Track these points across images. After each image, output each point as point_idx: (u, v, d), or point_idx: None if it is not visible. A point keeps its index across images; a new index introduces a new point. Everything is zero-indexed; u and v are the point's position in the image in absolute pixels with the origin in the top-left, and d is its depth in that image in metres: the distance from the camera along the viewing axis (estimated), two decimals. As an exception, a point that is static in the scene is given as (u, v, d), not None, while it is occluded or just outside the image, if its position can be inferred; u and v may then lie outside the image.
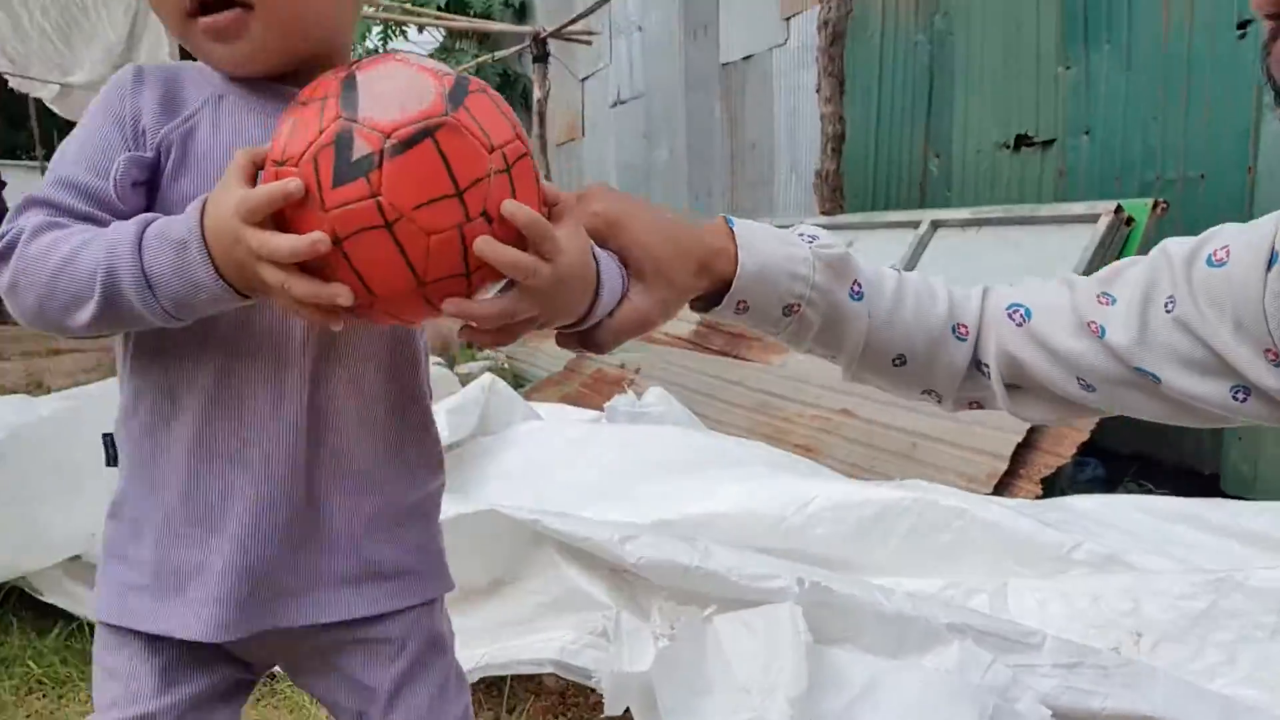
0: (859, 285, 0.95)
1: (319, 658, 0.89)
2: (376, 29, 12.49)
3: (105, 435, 0.87)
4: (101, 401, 2.33)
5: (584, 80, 10.46)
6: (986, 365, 0.97)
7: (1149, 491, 2.86)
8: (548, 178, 5.82)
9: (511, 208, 0.67)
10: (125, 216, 0.72)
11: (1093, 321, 0.91)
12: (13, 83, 9.47)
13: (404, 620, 0.89)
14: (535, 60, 8.35)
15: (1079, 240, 3.44)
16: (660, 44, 8.87)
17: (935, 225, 4.13)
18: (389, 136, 0.63)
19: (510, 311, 0.71)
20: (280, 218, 0.65)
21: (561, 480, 2.35)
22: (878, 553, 2.13)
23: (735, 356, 4.54)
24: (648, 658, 1.71)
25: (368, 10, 10.22)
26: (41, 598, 2.09)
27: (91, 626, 1.95)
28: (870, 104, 5.51)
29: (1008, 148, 4.62)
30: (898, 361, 0.98)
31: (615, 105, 9.86)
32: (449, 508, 1.98)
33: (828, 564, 2.05)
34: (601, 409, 3.23)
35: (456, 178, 0.65)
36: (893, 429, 3.24)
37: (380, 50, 12.90)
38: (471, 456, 2.82)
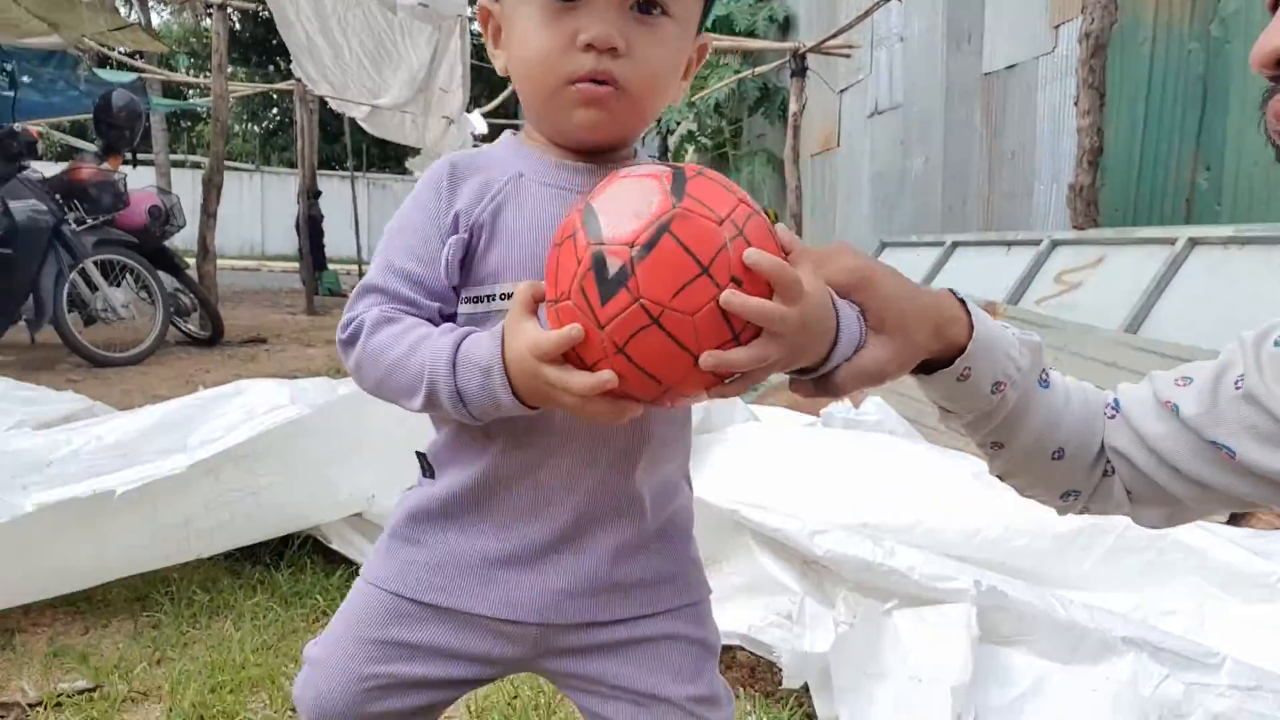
0: (1046, 375, 0.98)
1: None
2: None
3: (419, 453, 0.98)
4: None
5: (841, 92, 10.50)
6: (1110, 465, 1.01)
7: None
8: (799, 189, 6.00)
9: (754, 256, 0.72)
10: (444, 296, 0.86)
11: (1169, 400, 0.95)
12: (332, 104, 10.84)
13: (664, 621, 0.95)
14: (793, 75, 8.51)
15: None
16: (922, 54, 8.78)
17: (1193, 243, 3.92)
18: (633, 245, 0.70)
19: (762, 356, 0.74)
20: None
21: (767, 477, 2.53)
22: (1074, 569, 2.15)
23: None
24: (828, 641, 1.86)
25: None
26: (330, 545, 2.50)
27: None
28: (1136, 115, 5.25)
29: (1287, 161, 4.28)
30: (1056, 455, 0.99)
31: (872, 116, 9.83)
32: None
33: (1022, 577, 2.10)
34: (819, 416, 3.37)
35: (699, 257, 0.70)
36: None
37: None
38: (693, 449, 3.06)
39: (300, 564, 2.48)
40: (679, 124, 13.20)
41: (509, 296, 0.81)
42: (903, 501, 2.30)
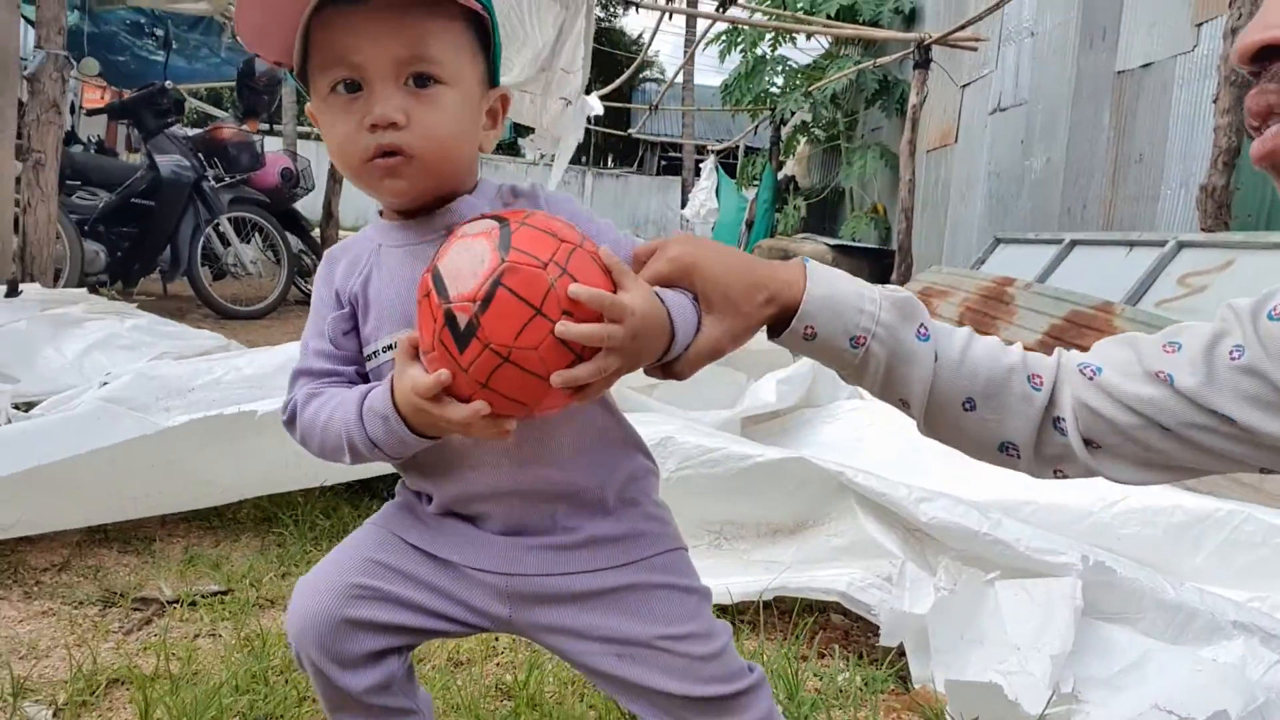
0: (925, 328, 1.00)
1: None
2: (769, 36, 13.07)
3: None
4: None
5: (964, 86, 10.28)
6: (1063, 420, 1.00)
7: None
8: (912, 183, 5.91)
9: (575, 290, 0.85)
10: (352, 360, 1.03)
11: (1160, 371, 0.95)
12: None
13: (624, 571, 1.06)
14: (916, 66, 8.37)
15: None
16: (1052, 50, 8.53)
17: (1332, 249, 3.76)
18: (474, 301, 0.84)
19: (603, 368, 0.87)
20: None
21: (873, 452, 2.55)
22: (1186, 561, 2.12)
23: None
24: (927, 604, 1.88)
25: (759, 19, 10.76)
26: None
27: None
28: (1279, 117, 5.02)
29: None
30: (967, 405, 1.01)
31: (994, 112, 9.60)
32: (767, 453, 2.27)
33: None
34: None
35: (530, 301, 0.84)
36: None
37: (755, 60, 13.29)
38: (794, 425, 3.09)
39: (356, 501, 2.60)
40: (793, 114, 13.11)
41: (390, 349, 0.99)
42: (1011, 481, 2.29)
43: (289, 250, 6.77)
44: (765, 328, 1.02)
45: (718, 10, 9.01)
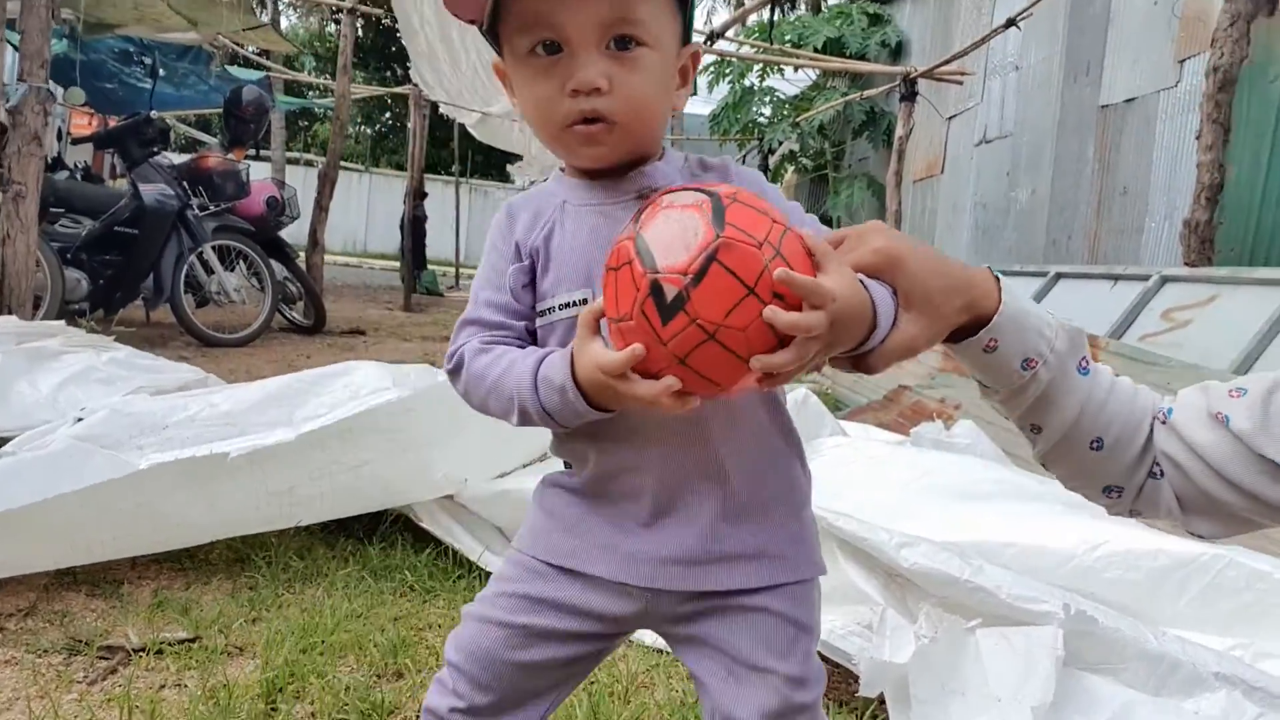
0: (1085, 362, 0.99)
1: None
2: (757, 67, 13.17)
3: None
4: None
5: (950, 118, 10.36)
6: (1158, 465, 1.00)
7: None
8: (898, 213, 5.95)
9: (783, 276, 0.81)
10: (525, 315, 1.01)
11: (1220, 412, 0.95)
12: (444, 109, 11.14)
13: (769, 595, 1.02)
14: (902, 99, 8.43)
15: None
16: (1037, 83, 8.62)
17: (1314, 286, 3.77)
18: (685, 273, 0.81)
19: (802, 355, 0.83)
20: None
21: (855, 492, 2.52)
22: (1169, 607, 2.09)
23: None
24: (907, 653, 1.85)
25: (748, 51, 10.84)
26: (421, 524, 2.58)
27: (454, 553, 2.42)
28: (1261, 152, 5.07)
29: None
30: (1095, 445, 1.00)
31: (980, 144, 9.67)
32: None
33: (1112, 609, 2.05)
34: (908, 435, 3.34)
35: (744, 280, 0.81)
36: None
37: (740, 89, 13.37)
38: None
39: (391, 539, 2.56)
40: (781, 143, 13.19)
41: (567, 306, 0.97)
42: (993, 524, 2.27)
43: (273, 278, 6.74)
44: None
45: (705, 44, 9.08)
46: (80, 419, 2.74)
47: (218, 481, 2.21)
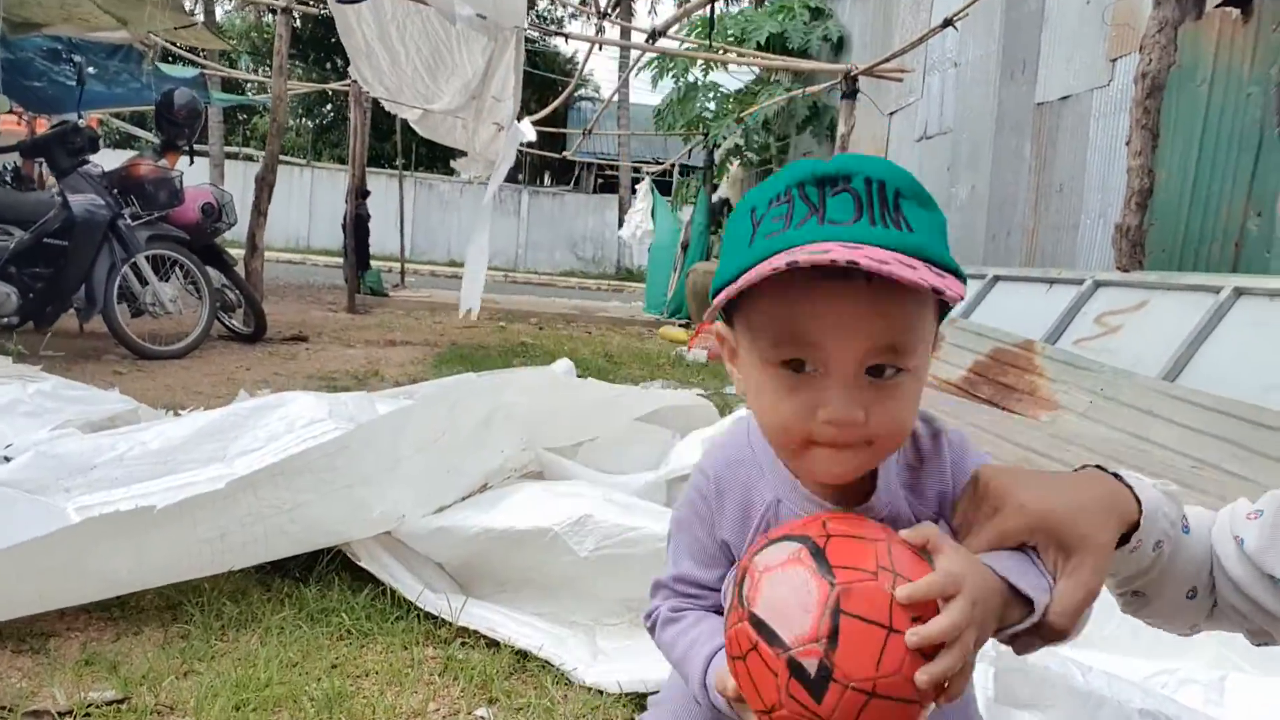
0: (1186, 520, 0.99)
1: None
2: (699, 64, 13.17)
3: None
4: (427, 404, 2.82)
5: (891, 114, 10.46)
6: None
7: None
8: None
9: (904, 596, 0.76)
10: (718, 587, 0.99)
11: (1238, 535, 0.98)
12: (385, 105, 11.00)
13: None
14: (844, 96, 8.50)
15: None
16: (975, 80, 8.73)
17: (1239, 293, 3.87)
18: (818, 640, 0.76)
19: (960, 654, 0.77)
20: None
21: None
22: (1095, 632, 2.14)
23: (1003, 408, 4.48)
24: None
25: (688, 49, 10.83)
26: (359, 563, 2.54)
27: (393, 592, 2.40)
28: (1189, 157, 5.19)
29: (1343, 211, 4.21)
30: (1190, 595, 1.00)
31: (920, 140, 9.78)
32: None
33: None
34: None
35: (878, 620, 0.76)
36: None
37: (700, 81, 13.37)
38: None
39: (328, 579, 2.53)
40: (725, 138, 13.22)
41: None
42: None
43: (210, 286, 6.61)
44: None
45: (648, 41, 9.05)
46: (7, 458, 2.68)
47: (146, 531, 2.16)
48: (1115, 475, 0.93)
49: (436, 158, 25.49)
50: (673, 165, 16.90)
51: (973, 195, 8.55)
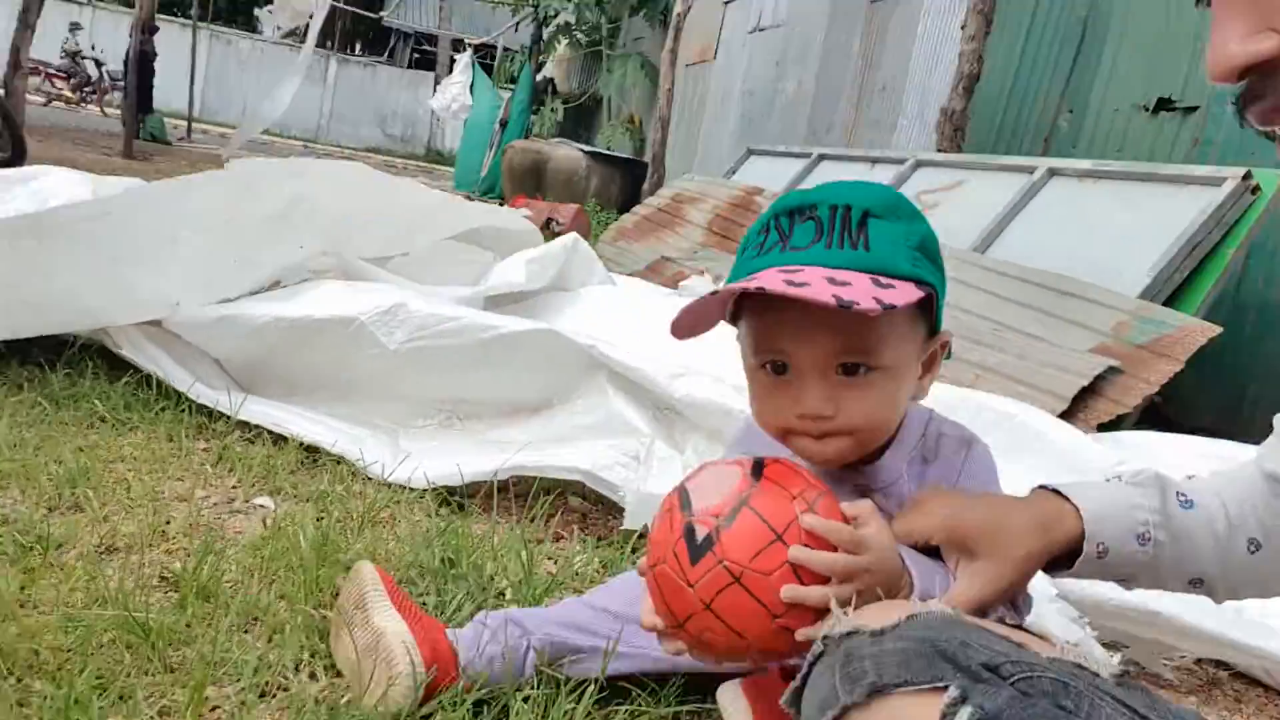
0: (1183, 495, 0.97)
1: None
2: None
3: None
4: (212, 182, 2.43)
5: (727, 3, 10.30)
6: None
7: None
8: (670, 92, 5.81)
9: (809, 521, 0.84)
10: None
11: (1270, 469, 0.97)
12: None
13: None
14: (680, -26, 8.24)
15: (1198, 203, 3.28)
16: (810, -27, 8.66)
17: (1052, 173, 3.98)
18: (717, 515, 0.84)
19: (828, 596, 0.83)
20: (662, 600, 0.89)
21: (628, 328, 2.38)
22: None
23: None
24: (672, 484, 1.74)
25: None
26: (119, 352, 2.17)
27: (159, 382, 2.05)
28: (1014, 49, 5.30)
29: (1146, 110, 4.40)
30: (1253, 549, 0.97)
31: (754, 31, 9.69)
32: (513, 324, 2.04)
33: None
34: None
35: (774, 526, 0.83)
36: (959, 360, 3.18)
37: None
38: (542, 307, 2.88)
39: (80, 367, 2.16)
40: (557, 13, 12.69)
41: None
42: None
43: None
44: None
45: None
46: None
47: None
48: (1059, 493, 0.96)
49: (238, 10, 23.33)
50: (497, 40, 16.15)
51: (799, 90, 8.56)
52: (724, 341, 2.29)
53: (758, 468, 0.88)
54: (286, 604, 1.32)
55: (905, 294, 0.88)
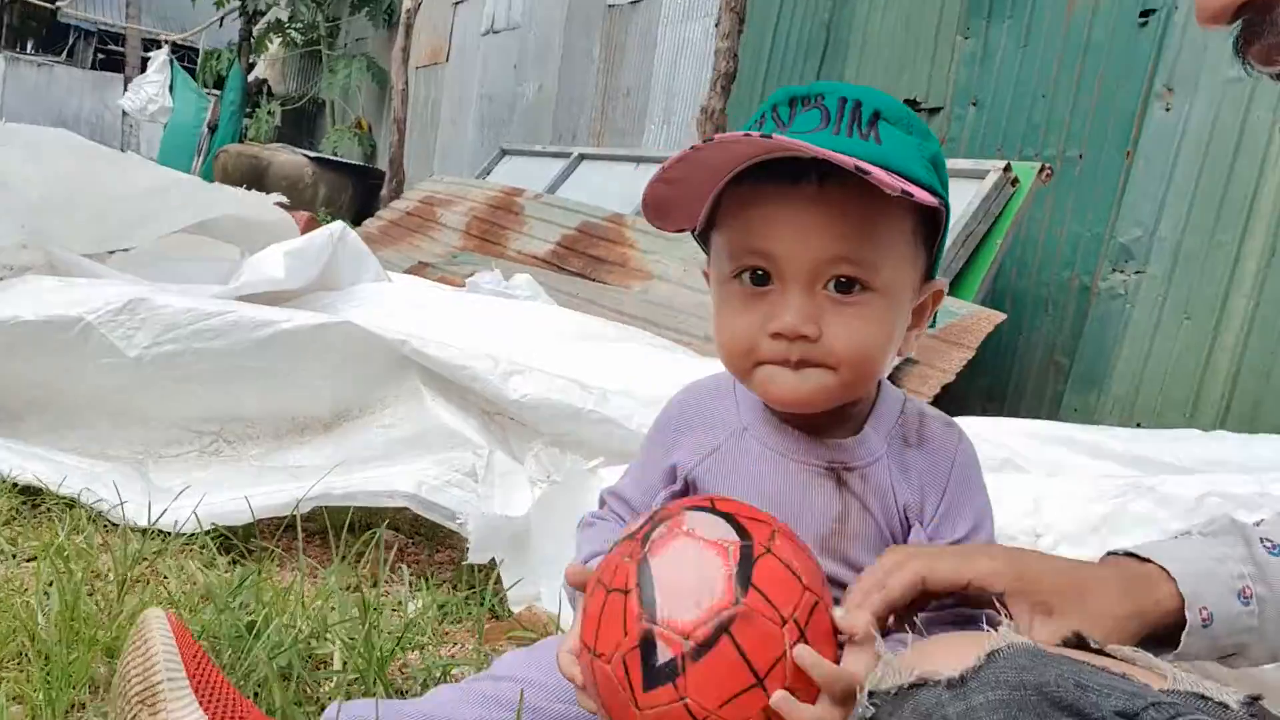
0: (1267, 540, 0.84)
1: None
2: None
3: None
4: None
5: (456, 4, 9.95)
6: None
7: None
8: (405, 93, 5.46)
9: (801, 657, 0.68)
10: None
11: None
12: None
13: None
14: (409, -26, 7.82)
15: (965, 194, 3.39)
16: (545, -23, 8.51)
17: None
18: (688, 639, 0.67)
19: None
20: (597, 691, 0.73)
21: (436, 327, 2.03)
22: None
23: (594, 279, 4.30)
24: (522, 503, 1.44)
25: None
26: None
27: None
28: (763, 52, 5.39)
29: (894, 111, 4.58)
30: None
31: (488, 34, 9.42)
32: (298, 318, 1.66)
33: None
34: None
35: (755, 667, 0.68)
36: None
37: None
38: (311, 306, 2.45)
39: None
40: (269, 8, 11.75)
41: None
42: (591, 366, 1.94)
43: None
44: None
45: None
46: None
47: None
48: (1134, 555, 0.83)
49: None
50: (198, 38, 14.74)
51: (540, 94, 8.39)
52: (562, 335, 2.00)
53: (745, 563, 0.70)
54: (23, 710, 0.91)
55: (923, 194, 0.75)
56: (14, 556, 1.28)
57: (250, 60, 12.25)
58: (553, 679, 0.85)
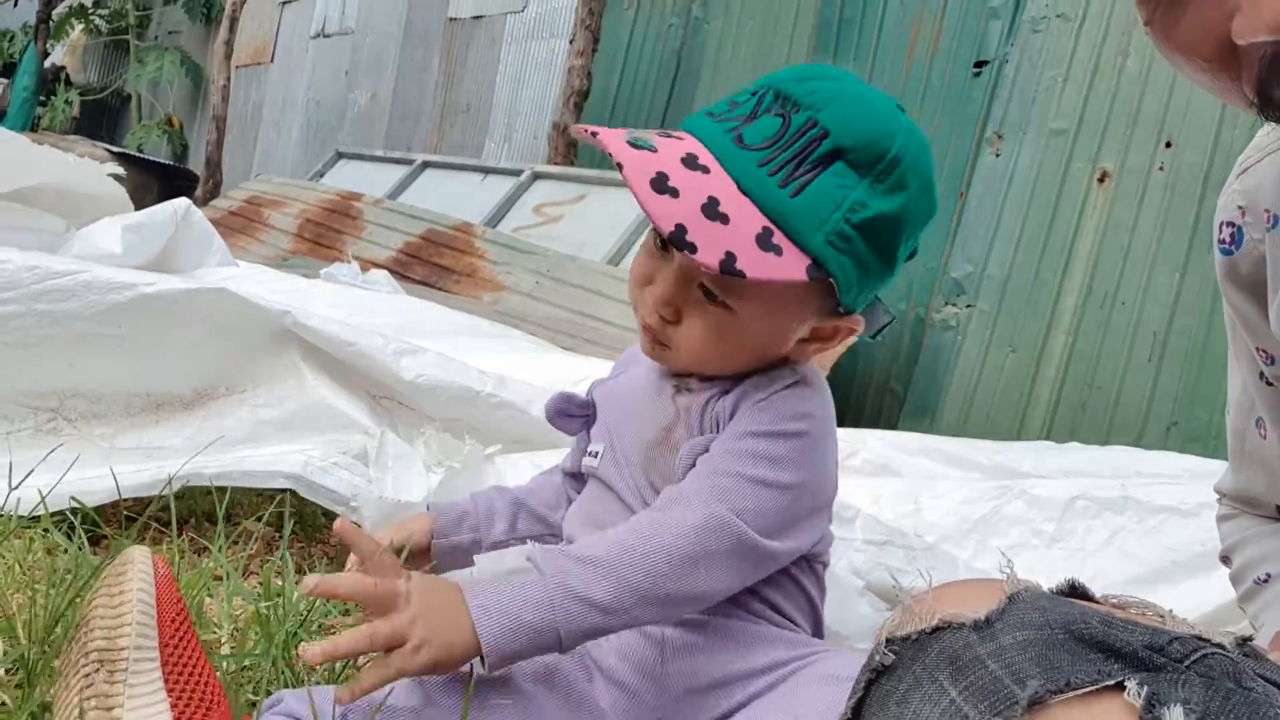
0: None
1: None
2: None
3: None
4: None
5: (284, 4, 9.53)
6: None
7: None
8: (226, 89, 5.28)
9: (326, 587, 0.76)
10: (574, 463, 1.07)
11: None
12: None
13: None
14: (234, -34, 7.44)
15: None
16: (382, -15, 8.29)
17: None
18: None
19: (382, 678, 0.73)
20: None
21: (315, 309, 1.88)
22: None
23: (440, 289, 4.17)
24: (417, 488, 1.34)
25: None
26: None
27: None
28: (614, 74, 5.43)
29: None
30: None
31: (317, 37, 9.06)
32: (163, 282, 1.50)
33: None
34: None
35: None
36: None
37: None
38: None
39: None
40: (69, -8, 10.89)
41: (595, 455, 0.99)
42: (489, 353, 1.85)
43: None
44: None
45: None
46: None
47: None
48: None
49: None
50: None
51: (374, 103, 8.14)
52: (442, 328, 1.91)
53: None
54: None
55: (772, 268, 0.76)
56: None
57: (48, 45, 11.27)
58: None
